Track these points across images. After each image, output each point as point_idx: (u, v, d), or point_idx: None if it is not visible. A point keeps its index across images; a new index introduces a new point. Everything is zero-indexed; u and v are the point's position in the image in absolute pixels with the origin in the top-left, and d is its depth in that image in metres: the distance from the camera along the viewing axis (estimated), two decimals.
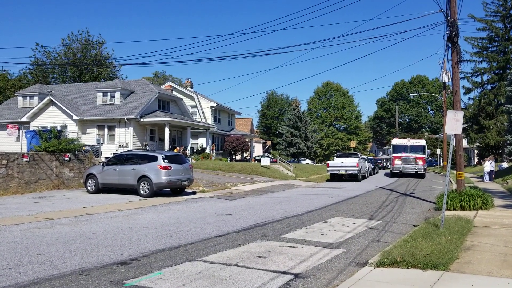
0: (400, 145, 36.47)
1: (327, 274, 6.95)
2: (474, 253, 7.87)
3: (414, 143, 36.67)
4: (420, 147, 36.21)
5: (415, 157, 35.08)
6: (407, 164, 35.22)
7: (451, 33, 15.32)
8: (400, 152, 35.76)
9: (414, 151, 35.52)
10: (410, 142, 36.88)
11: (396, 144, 37.02)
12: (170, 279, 6.62)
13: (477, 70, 52.57)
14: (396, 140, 38.83)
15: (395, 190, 23.25)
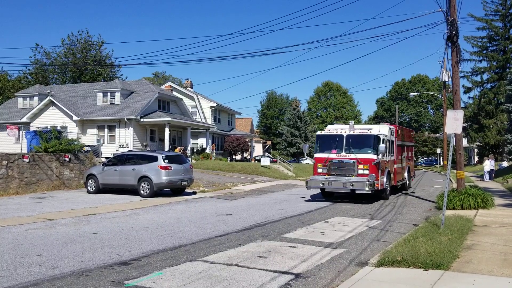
0: (329, 137, 18.18)
1: (327, 274, 6.95)
2: (474, 252, 7.87)
3: (357, 131, 17.87)
4: (368, 140, 17.47)
5: (355, 159, 17.10)
6: (337, 173, 17.37)
7: (451, 32, 15.32)
8: (329, 149, 17.76)
9: (356, 147, 17.44)
10: (349, 130, 17.94)
11: (323, 135, 18.61)
12: (170, 279, 6.62)
13: (477, 69, 52.56)
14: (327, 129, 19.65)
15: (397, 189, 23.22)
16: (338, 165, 17.20)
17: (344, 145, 17.30)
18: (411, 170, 24.46)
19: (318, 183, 17.33)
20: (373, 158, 16.78)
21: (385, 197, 18.12)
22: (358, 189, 16.52)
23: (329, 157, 17.38)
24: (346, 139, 17.38)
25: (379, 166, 16.96)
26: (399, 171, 20.70)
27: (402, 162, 21.53)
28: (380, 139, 17.11)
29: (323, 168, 17.50)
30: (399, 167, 20.71)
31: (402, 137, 21.70)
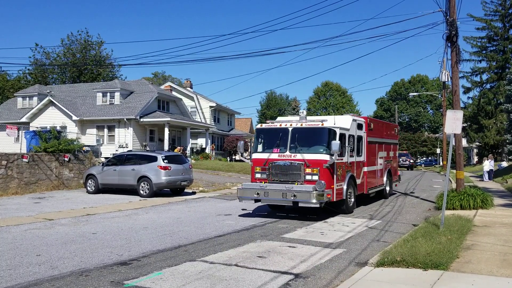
0: (271, 131, 13.95)
1: (327, 274, 6.95)
2: (474, 253, 7.87)
3: (307, 124, 13.49)
4: (319, 135, 13.35)
5: (301, 161, 12.89)
6: (279, 178, 13.17)
7: (450, 32, 15.32)
8: (271, 148, 13.61)
9: (305, 145, 13.21)
10: (297, 123, 13.64)
11: (264, 129, 14.15)
12: (170, 279, 6.62)
13: (476, 70, 52.57)
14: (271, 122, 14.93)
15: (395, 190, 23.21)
16: (281, 168, 12.89)
17: (289, 142, 12.99)
18: (393, 173, 19.76)
19: (252, 193, 12.82)
20: (324, 160, 12.44)
21: (346, 210, 13.68)
22: (303, 201, 12.17)
23: (270, 158, 13.11)
24: (292, 134, 13.07)
25: (334, 170, 12.78)
26: (372, 175, 16.34)
27: (378, 164, 17.19)
28: (335, 134, 12.82)
29: (262, 173, 13.28)
30: (372, 170, 16.37)
31: (377, 132, 17.24)
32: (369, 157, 16.05)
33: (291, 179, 12.78)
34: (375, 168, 16.93)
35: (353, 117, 14.87)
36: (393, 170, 19.90)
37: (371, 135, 16.30)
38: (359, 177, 15.03)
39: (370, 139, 16.16)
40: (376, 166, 17.13)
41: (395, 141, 20.49)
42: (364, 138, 15.56)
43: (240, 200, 13.52)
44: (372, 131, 16.38)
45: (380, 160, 17.56)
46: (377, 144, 17.22)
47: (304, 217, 13.28)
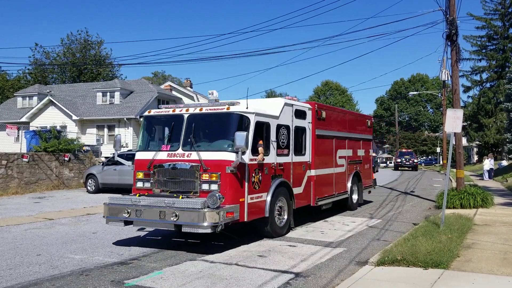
0: (162, 120, 10.12)
1: (327, 273, 6.94)
2: (474, 251, 7.87)
3: (208, 109, 9.19)
4: (223, 124, 9.20)
5: (195, 162, 8.78)
6: (168, 188, 9.10)
7: (450, 31, 15.31)
8: (160, 144, 9.84)
9: (205, 139, 9.33)
10: (195, 108, 9.41)
11: (153, 117, 10.22)
12: (170, 278, 6.61)
13: (476, 68, 52.58)
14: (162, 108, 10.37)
15: (395, 189, 23.25)
16: (169, 173, 9.02)
17: (183, 135, 9.12)
18: (364, 177, 15.47)
19: (121, 212, 8.82)
20: (226, 160, 8.50)
21: (272, 232, 9.67)
22: (188, 224, 8.11)
23: (156, 159, 9.27)
24: (187, 123, 9.18)
25: (245, 175, 8.78)
26: (325, 181, 12.37)
27: (336, 165, 13.15)
28: (248, 123, 8.91)
29: (145, 181, 9.43)
30: (325, 175, 12.39)
31: (334, 124, 13.17)
32: (319, 157, 11.97)
33: (183, 189, 8.77)
34: (330, 171, 12.75)
35: (286, 101, 10.65)
36: (365, 174, 15.60)
37: (323, 127, 12.26)
38: (300, 184, 10.99)
39: (321, 132, 12.11)
40: (333, 168, 12.95)
41: (367, 136, 16.16)
42: (309, 131, 11.51)
43: (107, 221, 9.08)
44: (324, 122, 12.34)
45: (340, 160, 13.50)
46: (335, 140, 13.14)
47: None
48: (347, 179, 14.06)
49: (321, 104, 12.82)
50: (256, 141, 9.11)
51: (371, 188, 16.71)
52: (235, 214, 8.47)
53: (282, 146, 10.20)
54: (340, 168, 13.51)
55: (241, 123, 8.86)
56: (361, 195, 15.22)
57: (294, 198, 10.48)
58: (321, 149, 12.25)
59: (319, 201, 11.91)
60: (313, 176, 11.62)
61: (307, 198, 11.43)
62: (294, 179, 10.69)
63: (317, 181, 11.77)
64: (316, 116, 11.82)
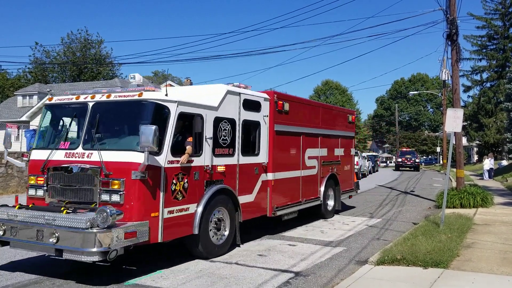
0: (64, 110, 7.80)
1: (327, 272, 6.95)
2: (474, 251, 7.87)
3: (117, 96, 7.11)
4: (132, 115, 7.12)
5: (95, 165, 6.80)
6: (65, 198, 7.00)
7: (451, 31, 15.31)
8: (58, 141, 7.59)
9: (113, 134, 7.36)
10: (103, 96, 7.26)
11: (55, 105, 7.84)
12: (170, 277, 6.62)
13: (477, 68, 52.56)
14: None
15: (395, 188, 23.25)
16: (65, 179, 7.07)
17: (85, 129, 7.23)
18: (343, 180, 13.42)
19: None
20: (133, 163, 6.62)
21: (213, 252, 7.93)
22: (71, 249, 6.13)
23: (51, 160, 7.29)
24: (92, 114, 7.25)
25: (160, 182, 6.88)
26: (289, 187, 10.38)
27: (304, 167, 11.06)
28: (168, 114, 7.04)
29: (38, 187, 7.50)
30: (290, 178, 10.44)
31: (301, 118, 11.09)
32: (280, 157, 9.99)
33: (82, 200, 6.85)
34: (295, 174, 10.67)
35: (230, 88, 8.64)
36: (344, 176, 13.56)
37: (286, 122, 10.28)
38: (250, 191, 9.00)
39: (283, 128, 10.13)
40: (299, 171, 10.86)
41: (347, 133, 14.05)
42: (265, 126, 9.51)
43: None
44: (288, 116, 10.34)
45: (310, 161, 11.42)
46: (303, 137, 11.07)
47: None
48: (319, 183, 11.88)
49: (282, 94, 10.48)
50: (181, 138, 7.33)
51: (352, 193, 14.41)
52: (140, 235, 6.36)
53: (224, 145, 8.21)
54: (310, 170, 11.38)
55: (156, 115, 6.88)
56: (338, 201, 12.99)
57: (240, 208, 8.49)
58: (283, 148, 10.18)
59: (278, 211, 9.80)
60: (271, 181, 9.58)
61: (261, 208, 9.40)
62: (241, 185, 8.65)
63: (276, 187, 9.73)
64: (275, 109, 9.79)
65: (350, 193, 14.21)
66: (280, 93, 10.31)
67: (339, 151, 13.33)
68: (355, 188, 14.66)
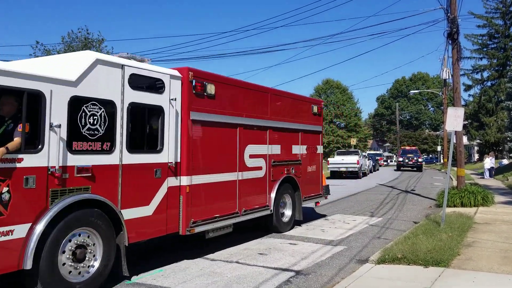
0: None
1: (328, 271, 6.95)
2: (475, 250, 7.87)
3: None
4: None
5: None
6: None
7: (452, 29, 15.30)
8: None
9: None
10: None
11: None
12: (171, 276, 6.63)
13: (477, 67, 52.53)
14: None
15: (396, 187, 23.26)
16: None
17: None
18: (306, 183, 11.16)
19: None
20: None
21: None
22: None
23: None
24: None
25: None
26: (217, 194, 8.13)
27: (244, 169, 8.87)
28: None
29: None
30: (218, 183, 8.17)
31: (243, 105, 8.96)
32: (201, 155, 7.72)
33: None
34: (228, 177, 8.33)
35: (104, 58, 6.41)
36: (307, 179, 11.24)
37: (212, 110, 7.96)
38: (146, 201, 6.78)
39: (207, 117, 7.84)
40: (234, 173, 8.49)
41: (312, 127, 11.61)
42: (173, 113, 7.29)
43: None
44: (214, 102, 8.02)
45: (253, 160, 9.05)
46: (241, 130, 8.70)
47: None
48: (269, 188, 9.51)
49: (203, 73, 7.85)
50: (11, 127, 5.38)
51: (320, 199, 12.08)
52: None
53: (91, 136, 5.96)
54: (253, 172, 8.99)
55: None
56: (299, 210, 10.68)
57: (125, 226, 6.26)
58: (206, 143, 7.78)
59: (198, 226, 7.46)
60: (185, 187, 7.30)
61: (166, 223, 7.04)
62: (127, 194, 6.40)
63: (194, 194, 7.41)
64: (191, 91, 7.42)
65: (316, 199, 11.89)
66: (199, 71, 7.74)
67: (299, 148, 10.93)
68: (324, 192, 12.32)
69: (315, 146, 11.86)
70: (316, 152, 11.90)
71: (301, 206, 10.82)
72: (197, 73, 7.63)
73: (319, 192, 12.06)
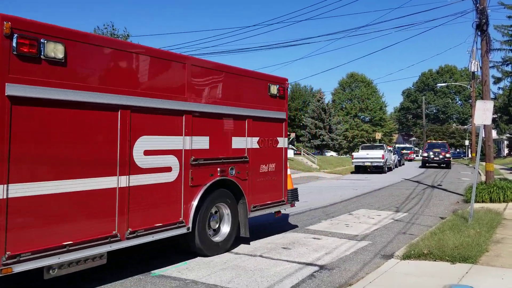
0: None
1: (352, 266, 6.91)
2: (504, 246, 7.70)
3: None
4: None
5: None
6: None
7: (480, 21, 14.93)
8: None
9: None
10: None
11: None
12: (195, 269, 6.70)
13: (508, 59, 51.03)
14: None
15: (422, 182, 22.90)
16: None
17: None
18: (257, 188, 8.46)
19: None
20: None
21: None
22: None
23: None
24: None
25: None
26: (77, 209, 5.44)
27: (135, 171, 6.18)
28: None
29: None
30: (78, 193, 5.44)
31: (135, 79, 6.30)
32: (36, 152, 5.11)
33: None
34: (96, 183, 5.70)
35: None
36: (259, 182, 8.53)
37: (59, 82, 5.31)
38: None
39: (46, 92, 5.18)
40: (115, 177, 5.94)
41: (268, 113, 8.78)
42: None
43: None
44: (64, 70, 5.37)
45: (153, 159, 6.53)
46: (124, 113, 6.09)
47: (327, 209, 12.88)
48: (185, 197, 6.96)
49: (41, 25, 5.15)
50: None
51: (282, 206, 9.10)
52: None
53: None
54: (151, 175, 6.43)
55: None
56: (244, 223, 8.06)
57: None
58: (45, 133, 5.22)
59: (25, 262, 4.89)
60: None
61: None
62: None
63: (20, 212, 4.93)
64: (11, 52, 4.84)
65: (275, 208, 8.90)
66: (28, 21, 5.07)
67: (245, 141, 8.14)
68: (290, 198, 9.32)
69: (275, 139, 8.98)
70: (275, 146, 8.98)
71: (247, 219, 8.06)
72: (22, 24, 4.96)
73: (281, 199, 9.06)
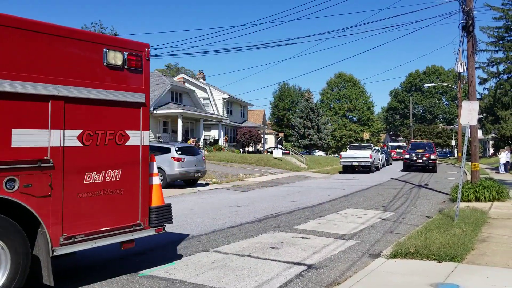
0: None
1: (340, 265, 6.94)
2: (489, 245, 7.79)
3: None
4: None
5: None
6: None
7: (467, 22, 15.08)
8: None
9: None
10: None
11: None
12: (183, 269, 6.67)
13: (493, 60, 51.65)
14: None
15: (409, 182, 23.09)
16: None
17: None
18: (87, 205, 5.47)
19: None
20: None
21: None
22: None
23: None
24: None
25: None
26: None
27: None
28: None
29: None
30: None
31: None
32: None
33: None
34: None
35: None
36: (80, 201, 5.43)
37: None
38: None
39: None
40: None
41: (103, 94, 5.69)
42: None
43: None
44: None
45: None
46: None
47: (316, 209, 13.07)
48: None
49: None
50: None
51: (137, 233, 6.10)
52: None
53: None
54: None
55: None
56: (46, 267, 5.01)
57: None
58: None
59: None
60: None
61: None
62: None
63: None
64: None
65: (122, 236, 5.90)
66: None
67: (48, 136, 5.18)
68: (154, 220, 6.29)
69: (120, 132, 5.97)
70: (122, 143, 5.99)
71: (52, 257, 5.09)
72: None
73: (135, 221, 6.09)
